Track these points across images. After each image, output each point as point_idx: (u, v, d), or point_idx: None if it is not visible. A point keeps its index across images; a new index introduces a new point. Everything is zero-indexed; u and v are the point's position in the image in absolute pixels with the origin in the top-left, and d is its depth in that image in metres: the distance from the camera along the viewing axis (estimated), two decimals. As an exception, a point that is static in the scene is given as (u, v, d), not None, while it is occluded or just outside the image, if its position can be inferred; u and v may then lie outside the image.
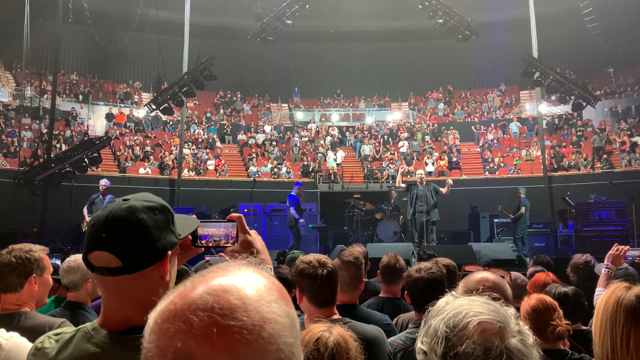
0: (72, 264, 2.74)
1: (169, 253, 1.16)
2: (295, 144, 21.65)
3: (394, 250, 4.38)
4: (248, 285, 0.63)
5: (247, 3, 18.89)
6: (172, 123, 22.12)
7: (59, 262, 3.50)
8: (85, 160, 13.92)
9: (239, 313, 0.59)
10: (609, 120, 20.81)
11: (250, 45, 19.27)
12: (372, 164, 19.88)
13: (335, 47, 25.07)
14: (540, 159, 17.99)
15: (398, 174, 11.77)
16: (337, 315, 2.24)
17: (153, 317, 0.63)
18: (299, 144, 21.62)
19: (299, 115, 24.55)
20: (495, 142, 21.22)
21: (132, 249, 1.11)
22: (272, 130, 22.83)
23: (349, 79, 25.49)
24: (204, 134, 21.80)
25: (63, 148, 17.08)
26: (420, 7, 16.65)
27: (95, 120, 21.55)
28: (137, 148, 19.51)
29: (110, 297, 1.15)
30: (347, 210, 13.38)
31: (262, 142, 21.82)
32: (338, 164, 19.83)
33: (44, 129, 17.66)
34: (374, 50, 25.14)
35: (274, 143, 21.73)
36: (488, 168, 19.57)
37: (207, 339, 0.57)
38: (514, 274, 3.67)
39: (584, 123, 20.70)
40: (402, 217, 12.51)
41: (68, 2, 16.07)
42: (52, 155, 14.63)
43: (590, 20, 17.96)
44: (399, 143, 21.39)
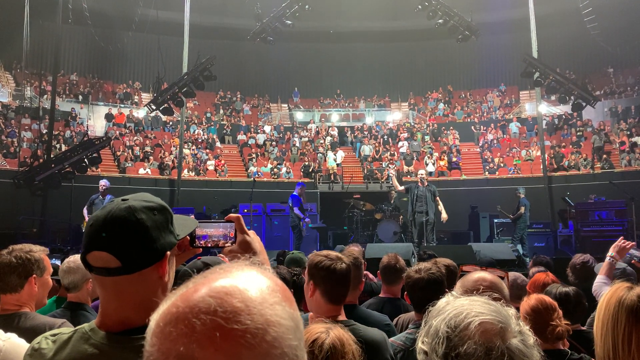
0: (72, 265, 2.71)
1: (168, 253, 1.15)
2: (294, 144, 21.65)
3: (394, 251, 4.38)
4: (251, 287, 0.62)
5: (246, 3, 18.89)
6: (171, 123, 22.12)
7: (59, 262, 3.49)
8: (85, 161, 13.92)
9: (242, 316, 0.58)
10: (609, 121, 20.83)
11: (250, 46, 19.27)
12: (372, 164, 19.88)
13: (335, 47, 25.06)
14: (540, 159, 17.99)
15: (392, 179, 11.52)
16: (342, 317, 2.22)
17: (155, 319, 0.61)
18: (298, 144, 21.62)
19: (299, 116, 24.55)
20: (495, 142, 21.22)
21: (131, 249, 1.10)
22: (272, 131, 22.83)
23: (349, 79, 25.48)
24: (204, 134, 21.80)
25: (63, 148, 17.08)
26: (420, 7, 16.66)
27: (95, 121, 21.56)
28: (136, 148, 19.51)
29: (109, 297, 1.14)
30: (347, 211, 13.39)
31: (262, 142, 21.83)
32: (338, 164, 19.84)
33: (44, 130, 17.66)
34: (374, 51, 25.12)
35: (274, 143, 21.74)
36: (488, 168, 19.56)
37: (209, 343, 0.56)
38: (514, 274, 3.67)
39: (584, 123, 20.70)
40: (402, 217, 12.51)
41: (68, 2, 16.06)
42: (51, 156, 14.63)
43: (590, 21, 17.96)
44: (399, 143, 21.39)
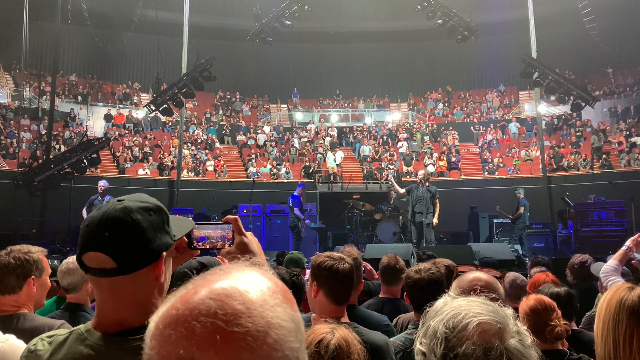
0: (70, 266, 2.69)
1: (164, 254, 1.15)
2: (293, 145, 21.64)
3: (394, 251, 4.39)
4: (251, 289, 0.61)
5: (246, 4, 18.88)
6: (171, 124, 22.11)
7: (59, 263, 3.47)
8: (84, 161, 13.92)
9: (243, 319, 0.57)
10: (608, 121, 20.85)
11: (250, 46, 19.28)
12: (371, 165, 19.88)
13: (334, 47, 25.06)
14: (540, 160, 18.00)
15: (393, 184, 11.43)
16: (345, 318, 2.22)
17: (154, 321, 0.60)
18: (296, 145, 21.61)
19: (298, 116, 24.55)
20: (495, 142, 21.22)
21: (126, 250, 1.10)
22: (271, 131, 22.83)
23: (348, 80, 25.48)
24: (203, 135, 21.79)
25: (62, 149, 17.07)
26: (420, 7, 16.67)
27: (94, 121, 21.56)
28: (136, 149, 19.49)
29: (105, 298, 1.14)
30: (346, 211, 13.39)
31: (263, 142, 21.83)
32: (337, 165, 19.84)
33: (43, 130, 17.64)
34: (373, 51, 25.13)
35: (273, 144, 21.73)
36: (487, 168, 19.57)
37: (210, 346, 0.55)
38: (514, 275, 3.67)
39: (583, 123, 20.70)
40: (401, 217, 12.51)
41: (67, 2, 16.04)
42: (51, 157, 14.63)
43: (589, 21, 17.97)
44: (398, 144, 21.39)
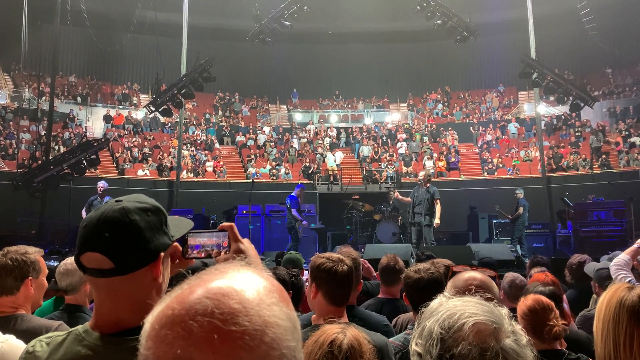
0: (69, 267, 2.69)
1: (162, 255, 1.15)
2: (292, 145, 21.64)
3: (393, 251, 4.38)
4: (248, 288, 0.61)
5: (245, 4, 18.88)
6: (170, 125, 22.10)
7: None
8: (84, 162, 13.93)
9: (240, 318, 0.57)
10: (608, 121, 20.85)
11: (249, 47, 19.25)
12: (370, 165, 19.88)
13: (334, 48, 25.06)
14: (539, 160, 18.00)
15: (400, 198, 10.81)
16: (345, 319, 2.22)
17: (150, 322, 0.60)
18: (296, 145, 21.61)
19: (298, 117, 24.54)
20: (494, 142, 21.22)
21: (124, 250, 1.10)
22: (270, 132, 22.82)
23: (348, 80, 25.48)
24: (203, 136, 21.79)
25: (61, 150, 17.07)
26: (419, 8, 16.69)
27: (94, 122, 21.56)
28: (135, 150, 19.48)
29: (103, 298, 1.14)
30: (346, 212, 13.39)
31: (262, 143, 21.82)
32: (337, 165, 19.84)
33: (43, 131, 17.59)
34: (373, 51, 25.12)
35: (273, 144, 21.72)
36: (487, 169, 19.57)
37: (207, 346, 0.55)
38: (513, 275, 3.67)
39: (583, 124, 20.71)
40: (400, 218, 12.51)
41: (66, 3, 16.04)
42: (50, 157, 14.62)
43: (588, 21, 17.99)
44: (398, 144, 21.39)
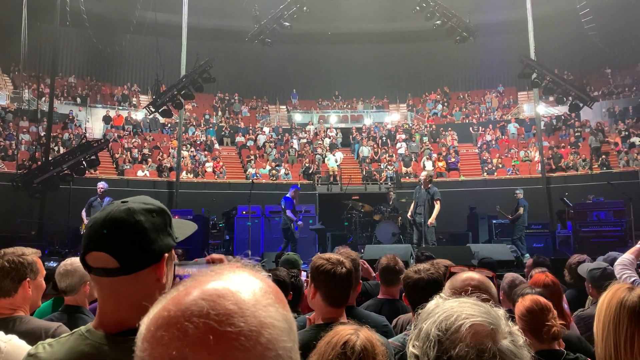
0: (69, 267, 2.69)
1: (166, 255, 1.17)
2: (292, 146, 21.64)
3: (393, 252, 4.39)
4: (243, 289, 0.61)
5: (244, 5, 18.88)
6: (170, 125, 22.10)
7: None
8: (83, 163, 13.92)
9: (236, 319, 0.57)
10: (607, 121, 20.86)
11: (248, 47, 19.27)
12: (370, 166, 19.88)
13: (333, 48, 25.07)
14: (539, 160, 18.00)
15: (409, 212, 10.50)
16: (344, 319, 2.21)
17: (145, 323, 0.60)
18: (296, 146, 21.61)
19: (298, 117, 24.55)
20: (494, 143, 21.23)
21: (129, 250, 1.11)
22: (270, 132, 22.82)
23: (347, 81, 25.49)
24: (202, 136, 21.79)
25: (61, 151, 17.07)
26: (418, 8, 16.69)
27: (93, 123, 21.56)
28: (135, 150, 19.49)
29: (106, 298, 1.15)
30: (345, 212, 13.38)
31: (262, 143, 21.82)
32: (337, 166, 19.83)
33: (42, 132, 17.60)
34: (372, 52, 25.13)
35: (272, 145, 21.72)
36: (486, 169, 19.57)
37: (203, 347, 0.55)
38: (513, 275, 3.67)
39: (582, 124, 20.72)
40: (400, 218, 12.50)
41: (66, 4, 16.05)
42: (50, 158, 14.61)
43: (588, 21, 17.99)
44: (397, 144, 21.39)
